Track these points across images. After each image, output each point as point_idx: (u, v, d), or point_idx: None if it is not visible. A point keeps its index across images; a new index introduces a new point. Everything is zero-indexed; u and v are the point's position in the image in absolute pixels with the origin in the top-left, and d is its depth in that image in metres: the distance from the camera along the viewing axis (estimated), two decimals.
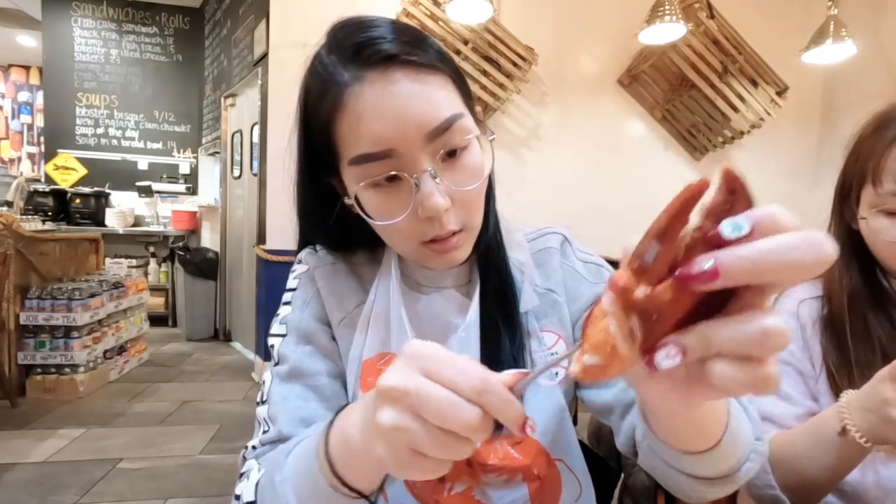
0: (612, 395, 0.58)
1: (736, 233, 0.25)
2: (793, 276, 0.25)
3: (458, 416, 0.31)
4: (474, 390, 0.32)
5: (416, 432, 0.32)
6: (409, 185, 0.52)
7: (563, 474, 0.61)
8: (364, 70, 0.52)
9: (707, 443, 0.41)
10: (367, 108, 0.51)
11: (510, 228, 0.68)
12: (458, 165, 0.54)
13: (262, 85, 3.32)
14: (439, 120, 0.51)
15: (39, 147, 6.62)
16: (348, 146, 0.53)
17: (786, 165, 3.55)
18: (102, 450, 2.38)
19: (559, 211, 3.15)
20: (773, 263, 0.24)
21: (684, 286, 0.26)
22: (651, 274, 0.27)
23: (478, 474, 0.58)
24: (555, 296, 0.64)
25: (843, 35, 2.65)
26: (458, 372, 0.32)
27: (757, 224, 0.25)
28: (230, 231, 4.40)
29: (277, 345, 0.62)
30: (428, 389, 0.32)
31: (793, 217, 0.25)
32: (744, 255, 0.25)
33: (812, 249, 0.24)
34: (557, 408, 0.60)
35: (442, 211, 0.52)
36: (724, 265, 0.25)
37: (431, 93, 0.52)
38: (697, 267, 0.25)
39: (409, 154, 0.51)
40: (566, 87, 3.23)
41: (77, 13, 5.01)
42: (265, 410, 0.57)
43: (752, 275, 0.25)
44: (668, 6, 2.53)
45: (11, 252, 2.79)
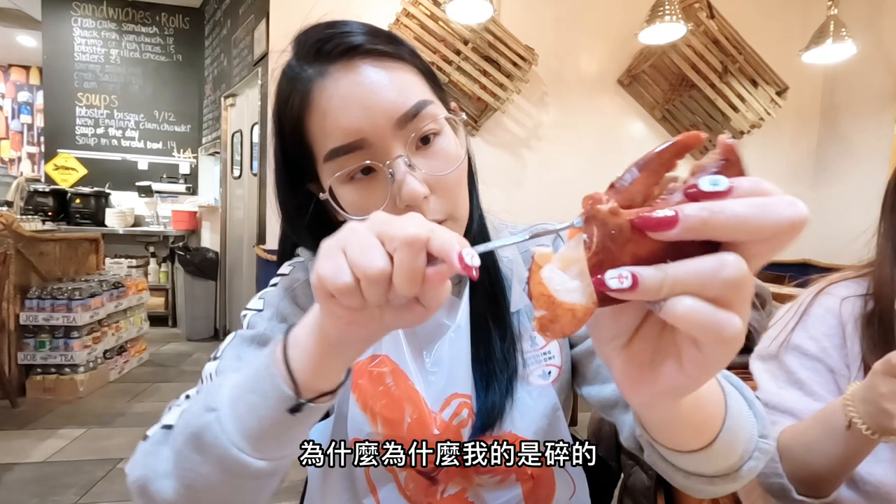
0: (613, 389, 0.57)
1: (713, 187, 0.25)
2: (758, 236, 0.24)
3: (408, 227, 0.31)
4: (422, 227, 0.31)
5: (358, 234, 0.32)
6: (384, 176, 0.52)
7: (557, 474, 0.61)
8: (327, 64, 0.52)
9: (700, 441, 0.40)
10: (332, 102, 0.51)
11: (498, 226, 0.68)
12: (431, 151, 0.53)
13: (262, 85, 3.32)
14: (407, 106, 0.51)
15: (39, 147, 6.62)
16: (320, 143, 0.53)
17: (786, 165, 3.54)
18: (102, 450, 2.38)
19: (559, 211, 3.13)
20: (732, 218, 0.24)
21: (643, 229, 0.26)
22: (624, 195, 0.28)
23: (471, 476, 0.58)
24: None
25: (843, 35, 2.65)
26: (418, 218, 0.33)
27: (738, 186, 0.25)
28: (230, 231, 4.40)
29: (250, 315, 0.61)
30: (389, 218, 0.33)
31: (779, 190, 0.25)
32: (704, 206, 0.25)
33: (779, 209, 0.24)
34: (551, 407, 0.59)
35: (420, 197, 0.51)
36: (683, 215, 0.25)
37: (397, 80, 0.52)
38: (658, 212, 0.25)
39: (381, 143, 0.51)
40: (566, 87, 3.23)
41: (77, 13, 5.01)
42: (214, 366, 0.54)
43: (709, 228, 0.24)
44: (668, 6, 2.53)
45: (11, 252, 2.79)
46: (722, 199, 0.25)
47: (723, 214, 0.24)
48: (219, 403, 0.40)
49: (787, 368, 0.76)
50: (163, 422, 0.46)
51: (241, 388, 0.40)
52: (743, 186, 0.25)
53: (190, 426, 0.40)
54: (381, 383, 0.58)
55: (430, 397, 0.58)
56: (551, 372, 0.61)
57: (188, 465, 0.40)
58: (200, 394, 0.44)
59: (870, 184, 3.08)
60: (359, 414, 0.58)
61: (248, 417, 0.38)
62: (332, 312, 0.33)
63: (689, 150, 0.28)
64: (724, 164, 0.26)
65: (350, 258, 0.32)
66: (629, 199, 0.27)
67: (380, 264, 0.31)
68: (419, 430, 0.56)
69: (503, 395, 0.57)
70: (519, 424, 0.58)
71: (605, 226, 0.26)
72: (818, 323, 0.77)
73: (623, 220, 0.26)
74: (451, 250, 0.30)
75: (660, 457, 0.44)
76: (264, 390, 0.38)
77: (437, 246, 0.31)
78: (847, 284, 0.79)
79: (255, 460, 0.39)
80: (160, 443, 0.43)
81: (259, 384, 0.39)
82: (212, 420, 0.39)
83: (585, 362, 0.62)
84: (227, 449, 0.38)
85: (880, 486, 0.68)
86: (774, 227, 0.24)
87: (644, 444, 0.47)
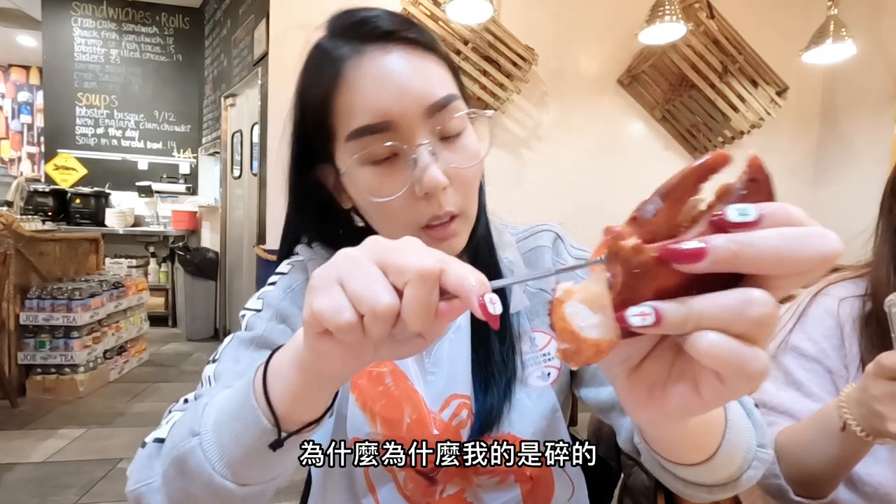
0: (610, 392, 0.57)
1: (741, 217, 0.24)
2: (789, 270, 0.24)
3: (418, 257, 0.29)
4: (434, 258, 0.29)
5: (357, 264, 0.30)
6: (405, 163, 0.52)
7: (556, 475, 0.61)
8: (363, 44, 0.52)
9: (701, 455, 0.40)
10: (367, 80, 0.51)
11: (499, 227, 0.67)
12: (455, 145, 0.54)
13: (262, 85, 3.32)
14: (438, 96, 0.51)
15: (39, 147, 6.62)
16: (346, 121, 0.52)
17: (786, 165, 3.54)
18: (102, 450, 2.38)
19: (559, 211, 3.14)
20: (763, 252, 0.23)
21: (669, 261, 0.25)
22: (647, 228, 0.26)
23: (470, 476, 0.58)
24: (547, 295, 0.63)
25: (843, 35, 2.65)
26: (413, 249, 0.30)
27: (767, 214, 0.24)
28: (230, 231, 4.40)
29: (249, 315, 0.60)
30: (392, 243, 0.30)
31: (808, 217, 0.24)
32: (733, 239, 0.24)
33: (811, 243, 0.23)
34: (550, 408, 0.59)
35: (441, 186, 0.51)
36: (712, 248, 0.24)
37: (429, 70, 0.53)
38: (685, 244, 0.24)
39: (408, 128, 0.51)
40: (566, 87, 3.23)
41: (77, 13, 5.01)
42: (212, 368, 0.54)
43: (740, 262, 0.24)
44: (668, 6, 2.53)
45: (11, 252, 2.79)
46: (750, 229, 0.24)
47: (753, 248, 0.23)
48: (203, 428, 0.39)
49: (786, 369, 0.76)
50: (157, 433, 0.45)
51: (224, 413, 0.39)
52: (773, 216, 0.24)
53: (175, 449, 0.39)
54: (380, 383, 0.58)
55: (429, 398, 0.58)
56: (550, 373, 0.61)
57: (176, 486, 0.40)
58: (188, 412, 0.43)
59: (870, 184, 3.08)
60: (358, 414, 0.58)
61: (230, 446, 0.38)
62: (325, 350, 0.31)
63: (716, 172, 0.26)
64: (752, 185, 0.25)
65: (351, 292, 0.29)
66: (652, 231, 0.26)
67: (388, 300, 0.28)
68: (418, 430, 0.56)
69: (501, 399, 0.57)
70: (518, 426, 0.58)
71: (628, 263, 0.26)
72: (816, 324, 0.77)
73: (647, 257, 0.25)
74: (470, 292, 0.28)
75: (659, 465, 0.44)
76: (245, 420, 0.37)
77: (453, 282, 0.29)
78: (845, 285, 0.79)
79: (239, 487, 0.38)
80: (153, 456, 0.43)
81: (240, 413, 0.37)
82: (195, 445, 0.38)
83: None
84: (210, 476, 0.37)
85: (879, 487, 0.67)
86: (807, 262, 0.23)
87: (643, 452, 0.47)
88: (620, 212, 0.64)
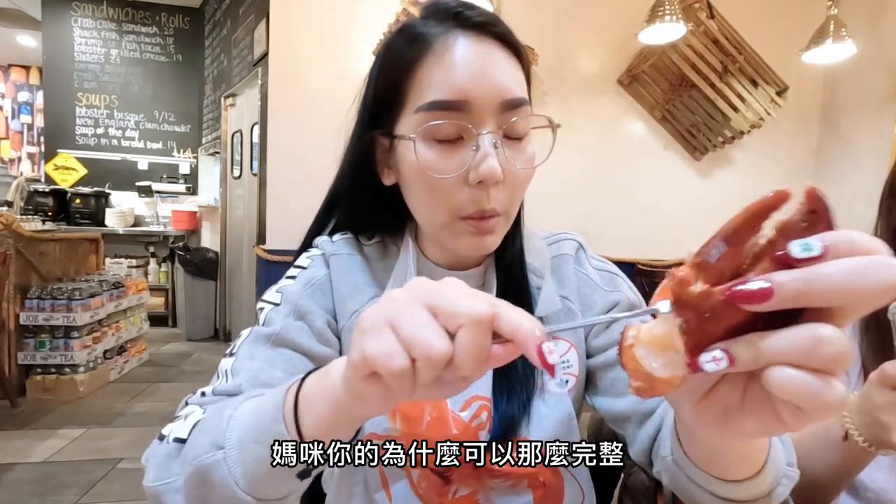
0: (628, 404, 0.57)
1: (805, 253, 0.24)
2: (857, 302, 0.24)
3: (470, 303, 0.29)
4: (486, 303, 0.29)
5: (407, 307, 0.30)
6: (467, 147, 0.52)
7: (567, 482, 0.60)
8: (458, 28, 0.53)
9: (748, 472, 0.41)
10: (456, 58, 0.52)
11: (529, 233, 0.67)
12: (517, 147, 0.55)
13: (262, 85, 3.31)
14: (515, 95, 0.53)
15: (39, 147, 6.62)
16: (422, 92, 0.53)
17: (786, 165, 3.54)
18: (102, 450, 2.38)
19: (559, 210, 3.14)
20: (829, 287, 0.23)
21: (737, 303, 0.25)
22: (712, 272, 0.26)
23: (484, 478, 0.58)
24: (569, 303, 0.63)
25: (843, 35, 2.65)
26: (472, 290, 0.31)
27: (831, 246, 0.24)
28: (230, 231, 4.40)
29: (267, 309, 0.60)
30: (440, 286, 0.30)
31: (876, 242, 0.24)
32: (799, 276, 0.24)
33: (877, 274, 0.23)
34: (566, 415, 0.59)
35: (496, 177, 0.51)
36: (778, 286, 0.24)
37: (512, 69, 0.55)
38: (751, 285, 0.24)
39: (480, 114, 0.52)
40: (566, 87, 3.23)
41: (77, 13, 5.01)
42: (230, 362, 0.54)
43: (807, 298, 0.24)
44: (668, 6, 2.53)
45: (11, 252, 2.79)
46: (815, 263, 0.24)
47: (819, 284, 0.23)
48: (227, 442, 0.39)
49: None
50: (176, 431, 0.44)
51: (249, 432, 0.39)
52: (837, 247, 0.24)
53: (198, 459, 0.40)
54: None
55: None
56: (568, 381, 0.61)
57: (196, 493, 0.40)
58: (209, 419, 0.43)
59: (870, 184, 3.07)
60: None
61: (255, 467, 0.38)
62: (368, 393, 0.31)
63: (778, 209, 0.26)
64: (811, 216, 0.25)
65: (405, 337, 0.29)
66: (717, 275, 0.26)
67: (443, 345, 0.28)
68: (438, 429, 0.56)
69: (520, 411, 0.57)
70: (534, 432, 0.58)
71: (698, 309, 0.26)
72: None
73: (716, 301, 0.26)
74: (528, 340, 0.28)
75: (688, 479, 0.44)
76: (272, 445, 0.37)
77: (509, 329, 0.29)
78: None
79: (259, 502, 0.39)
80: (172, 456, 0.43)
81: (267, 437, 0.37)
82: (219, 459, 0.39)
83: (600, 374, 0.62)
84: (234, 491, 0.38)
85: (882, 493, 0.66)
86: (873, 294, 0.23)
87: (669, 466, 0.47)
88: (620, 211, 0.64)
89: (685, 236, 3.04)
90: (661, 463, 0.50)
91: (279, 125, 2.97)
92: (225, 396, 0.50)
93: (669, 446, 0.46)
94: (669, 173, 3.42)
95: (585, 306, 0.64)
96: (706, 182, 3.49)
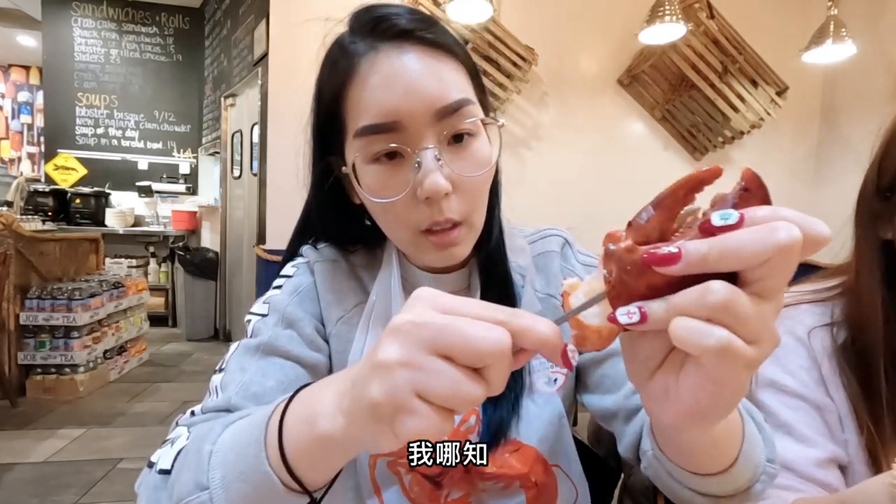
0: (615, 400, 0.57)
1: (722, 221, 0.26)
2: (752, 264, 0.25)
3: (485, 337, 0.28)
4: (502, 312, 0.30)
5: (425, 365, 0.28)
6: (410, 164, 0.51)
7: (560, 480, 0.60)
8: (379, 42, 0.52)
9: (720, 465, 0.41)
10: (378, 78, 0.51)
11: (512, 232, 0.67)
12: (464, 152, 0.53)
13: (262, 85, 3.31)
14: (449, 100, 0.51)
15: (39, 147, 6.62)
16: (354, 118, 0.52)
17: (786, 165, 3.54)
18: (102, 450, 2.38)
19: (559, 210, 3.14)
20: (727, 251, 0.25)
21: (650, 265, 0.27)
22: (640, 233, 0.29)
23: (475, 481, 0.57)
24: (555, 301, 0.63)
25: (843, 35, 2.65)
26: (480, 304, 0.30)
27: (748, 217, 0.26)
28: (230, 231, 4.40)
29: (255, 321, 0.59)
30: (445, 319, 0.29)
31: (799, 215, 0.25)
32: (704, 242, 0.26)
33: (770, 236, 0.24)
34: (556, 414, 0.59)
35: (441, 192, 0.50)
36: (685, 251, 0.26)
37: (443, 73, 0.52)
38: (663, 249, 0.27)
39: (415, 130, 0.50)
40: (566, 87, 3.23)
41: (77, 13, 5.01)
42: (219, 378, 0.53)
43: (711, 262, 0.25)
44: (668, 6, 2.53)
45: (11, 252, 2.79)
46: (732, 231, 0.26)
47: (718, 249, 0.25)
48: (211, 482, 0.37)
49: (767, 409, 0.64)
50: (162, 461, 0.43)
51: (232, 469, 0.37)
52: (755, 216, 0.25)
53: (183, 498, 0.38)
54: None
55: None
56: (557, 379, 0.61)
57: None
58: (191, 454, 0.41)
59: None
60: None
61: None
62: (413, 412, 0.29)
63: (706, 184, 0.28)
64: (744, 193, 0.27)
65: (440, 401, 0.28)
66: (645, 235, 0.29)
67: (481, 393, 0.29)
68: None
69: (510, 412, 0.57)
70: (524, 433, 0.58)
71: (621, 261, 0.28)
72: (791, 354, 0.66)
73: (637, 257, 0.28)
74: (556, 350, 0.30)
75: (668, 475, 0.45)
76: (260, 486, 0.36)
77: (534, 344, 0.29)
78: (809, 310, 0.68)
79: None
80: (159, 488, 0.42)
81: (252, 476, 0.36)
82: (205, 501, 0.37)
83: (589, 371, 0.62)
84: None
85: None
86: (765, 254, 0.24)
87: (650, 461, 0.47)
88: (620, 212, 0.65)
89: None
90: (645, 459, 0.50)
91: (279, 125, 2.96)
92: (215, 413, 0.49)
93: (649, 442, 0.47)
94: (669, 173, 3.37)
95: None
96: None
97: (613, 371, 0.59)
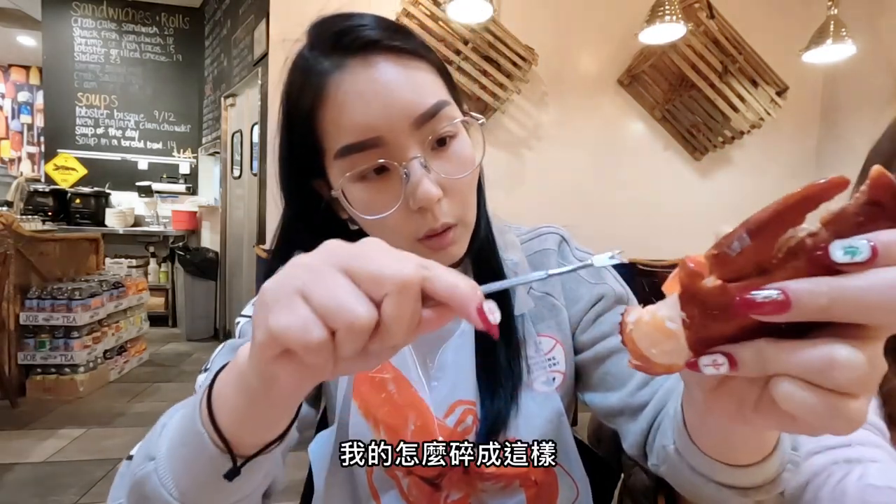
0: (619, 398, 0.57)
1: (847, 257, 0.19)
2: (894, 320, 0.20)
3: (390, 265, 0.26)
4: (414, 264, 0.27)
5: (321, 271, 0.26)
6: (398, 175, 0.50)
7: (561, 479, 0.60)
8: (344, 58, 0.50)
9: (757, 457, 0.39)
10: (349, 97, 0.49)
11: (502, 228, 0.66)
12: (447, 154, 0.52)
13: (262, 85, 3.32)
14: (426, 106, 0.50)
15: (39, 147, 6.62)
16: (333, 139, 0.51)
17: (786, 165, 3.54)
18: (102, 450, 2.38)
19: (559, 210, 3.15)
20: (859, 306, 0.19)
21: (748, 312, 0.22)
22: (729, 267, 0.23)
23: (474, 482, 0.57)
24: (552, 299, 0.62)
25: (843, 35, 2.65)
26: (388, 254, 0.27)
27: (883, 250, 0.19)
28: (230, 231, 4.40)
29: (242, 322, 0.58)
30: (361, 247, 0.27)
31: None
32: (824, 290, 0.20)
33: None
34: (555, 413, 0.59)
35: (434, 200, 0.49)
36: (796, 299, 0.20)
37: (416, 78, 0.51)
38: (764, 295, 0.21)
39: (397, 142, 0.49)
40: (566, 87, 3.23)
41: (77, 13, 5.00)
42: (202, 377, 0.52)
43: (833, 314, 0.20)
44: (668, 6, 2.53)
45: (11, 252, 2.78)
46: (861, 270, 0.19)
47: (846, 301, 0.19)
48: (158, 451, 0.37)
49: None
50: (132, 452, 0.42)
51: (175, 437, 0.37)
52: (891, 253, 0.19)
53: (135, 473, 0.37)
54: (383, 390, 0.58)
55: (433, 404, 0.58)
56: (555, 378, 0.60)
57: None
58: (151, 432, 0.40)
59: None
60: (361, 422, 0.57)
61: (183, 475, 0.35)
62: (278, 373, 0.28)
63: (824, 201, 0.21)
64: (871, 209, 0.20)
65: (320, 305, 0.25)
66: (736, 270, 0.23)
67: (366, 313, 0.25)
68: (422, 436, 0.55)
69: (507, 403, 0.57)
70: (523, 431, 0.57)
71: (705, 305, 0.23)
72: None
73: (729, 300, 0.22)
74: (467, 302, 0.26)
75: (692, 470, 0.43)
76: (194, 447, 0.34)
77: (443, 291, 0.26)
78: None
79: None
80: (124, 475, 0.41)
81: (188, 438, 0.35)
82: (151, 471, 0.36)
83: (590, 369, 0.61)
84: (167, 502, 0.35)
85: None
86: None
87: (670, 456, 0.46)
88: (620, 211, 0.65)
89: (685, 236, 3.05)
90: (658, 454, 0.49)
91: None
92: None
93: (671, 435, 0.45)
94: (669, 173, 3.42)
95: (571, 301, 0.62)
96: (706, 182, 3.50)
97: (616, 368, 0.58)
